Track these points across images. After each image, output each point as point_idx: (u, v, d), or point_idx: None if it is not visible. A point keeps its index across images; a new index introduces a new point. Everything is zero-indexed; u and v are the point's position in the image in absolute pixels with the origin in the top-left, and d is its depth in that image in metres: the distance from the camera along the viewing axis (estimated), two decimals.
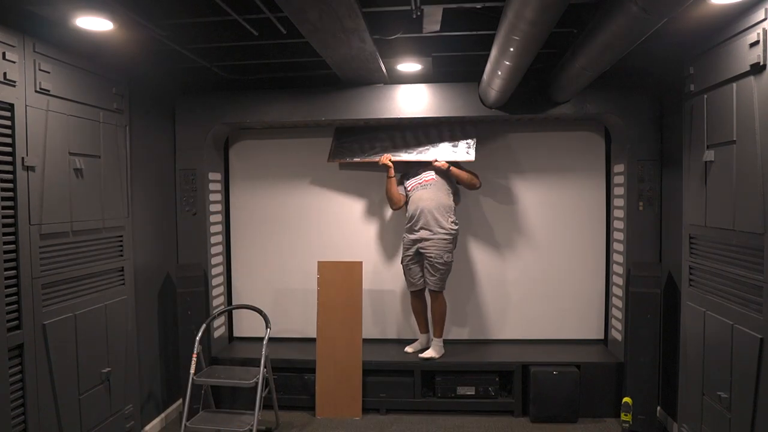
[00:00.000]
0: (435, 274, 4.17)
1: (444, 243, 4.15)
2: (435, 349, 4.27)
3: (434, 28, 3.07)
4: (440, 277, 4.19)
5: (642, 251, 3.94)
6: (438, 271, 4.17)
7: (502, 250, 4.59)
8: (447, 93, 4.04)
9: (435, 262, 4.15)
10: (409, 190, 4.31)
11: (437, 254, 4.14)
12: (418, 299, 4.40)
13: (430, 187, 4.22)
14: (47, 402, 2.80)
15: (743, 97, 2.64)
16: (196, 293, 4.17)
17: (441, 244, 4.15)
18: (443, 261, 4.16)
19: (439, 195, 4.20)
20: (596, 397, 4.03)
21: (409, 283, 4.36)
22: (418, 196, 4.23)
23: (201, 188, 4.23)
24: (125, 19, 2.79)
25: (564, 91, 3.66)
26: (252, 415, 3.54)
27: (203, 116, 4.19)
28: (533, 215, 4.55)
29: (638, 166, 3.94)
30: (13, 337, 2.59)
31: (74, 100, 3.02)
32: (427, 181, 4.25)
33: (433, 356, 4.23)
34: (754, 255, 2.58)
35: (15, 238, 2.61)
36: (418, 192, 4.24)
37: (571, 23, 2.99)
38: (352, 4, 2.39)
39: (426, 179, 4.26)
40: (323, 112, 4.11)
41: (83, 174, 3.09)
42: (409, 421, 4.06)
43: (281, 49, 3.56)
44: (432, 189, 4.21)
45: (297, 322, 4.69)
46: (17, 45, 2.60)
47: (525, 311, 4.59)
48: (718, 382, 2.86)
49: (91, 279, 3.18)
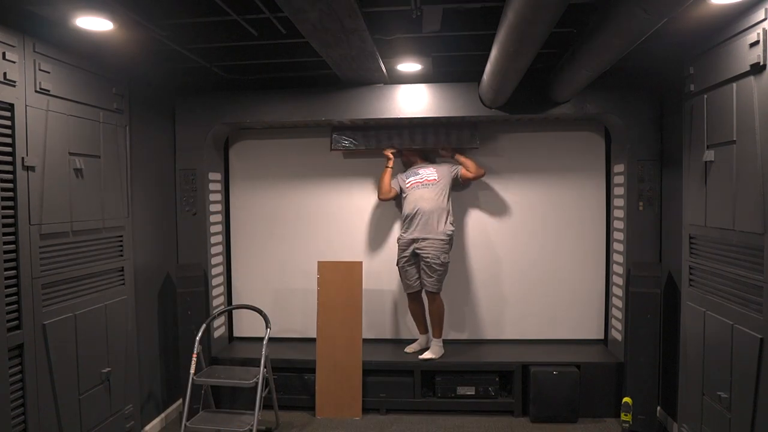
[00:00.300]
0: (432, 275, 4.16)
1: (441, 244, 4.15)
2: (434, 350, 4.27)
3: (434, 28, 3.07)
4: (437, 278, 4.17)
5: (642, 251, 3.94)
6: (435, 272, 4.16)
7: (501, 250, 4.59)
8: (447, 93, 4.04)
9: (432, 263, 4.14)
10: (407, 187, 4.30)
11: (434, 255, 4.13)
12: (415, 302, 4.39)
13: (432, 187, 4.22)
14: (47, 402, 2.80)
15: (743, 97, 2.64)
16: (196, 293, 4.17)
17: (438, 244, 4.14)
18: (440, 262, 4.15)
19: (439, 197, 4.20)
20: (596, 397, 4.03)
21: (406, 285, 4.34)
22: (418, 195, 4.22)
23: (201, 188, 4.23)
24: (125, 19, 2.79)
25: (564, 91, 3.66)
26: (252, 415, 3.53)
27: (203, 116, 4.19)
28: (533, 215, 4.55)
29: (638, 166, 3.94)
30: (13, 337, 2.59)
31: (74, 100, 3.02)
32: (429, 181, 4.25)
33: (433, 357, 4.23)
34: (754, 255, 2.58)
35: (15, 238, 2.61)
36: (418, 191, 4.23)
37: (571, 23, 2.99)
38: (352, 4, 2.39)
39: (428, 179, 4.25)
40: (323, 112, 4.11)
41: (83, 174, 3.09)
42: (409, 421, 4.06)
43: (281, 49, 3.56)
44: (432, 189, 4.21)
45: (297, 322, 4.70)
46: (17, 45, 2.60)
47: (525, 311, 4.59)
48: (718, 382, 2.86)
49: (91, 279, 3.18)
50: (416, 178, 4.30)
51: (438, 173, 4.28)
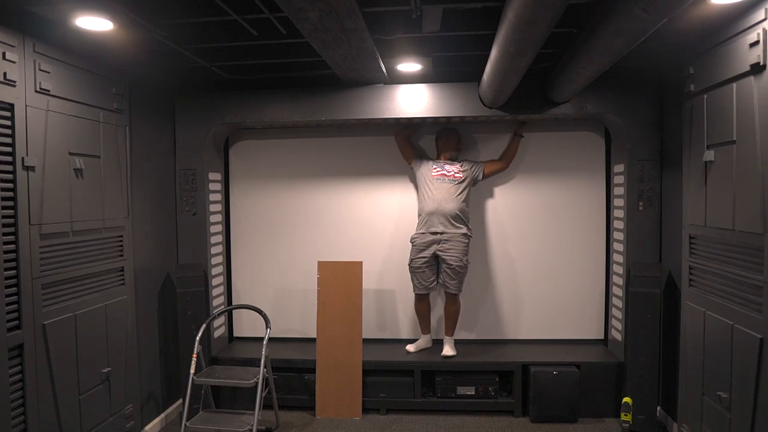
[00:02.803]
0: (455, 277, 4.14)
1: (463, 246, 4.12)
2: (451, 346, 4.27)
3: (434, 28, 3.06)
4: (460, 280, 4.17)
5: (642, 251, 3.94)
6: (458, 275, 4.14)
7: (502, 250, 4.59)
8: (447, 93, 4.04)
9: (456, 266, 4.10)
10: (432, 175, 4.17)
11: (457, 257, 4.09)
12: (422, 301, 4.37)
13: (457, 185, 4.13)
14: (47, 402, 2.80)
15: (743, 97, 2.64)
16: (196, 293, 4.17)
17: (460, 246, 4.11)
18: (463, 264, 4.13)
19: (461, 195, 4.12)
20: (596, 397, 4.03)
21: (420, 286, 4.26)
22: (439, 189, 4.11)
23: (201, 188, 4.23)
24: (125, 19, 2.79)
25: (564, 91, 3.66)
26: (252, 415, 3.54)
27: (203, 116, 4.19)
28: (533, 215, 4.54)
29: (638, 166, 3.94)
30: (13, 337, 2.59)
31: (74, 100, 3.02)
32: (456, 177, 4.14)
33: (453, 354, 4.22)
34: (754, 255, 2.58)
35: (15, 238, 2.61)
36: (440, 184, 4.13)
37: (571, 23, 2.99)
38: (352, 4, 2.39)
39: (454, 174, 4.15)
40: (323, 112, 4.11)
41: (83, 174, 3.09)
42: (409, 421, 4.06)
43: (281, 49, 3.56)
44: (456, 187, 4.13)
45: (297, 322, 4.70)
46: (17, 45, 2.60)
47: (525, 311, 4.59)
48: (718, 382, 2.86)
49: (91, 279, 3.18)
50: (443, 170, 4.19)
51: (463, 173, 4.20)
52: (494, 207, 4.58)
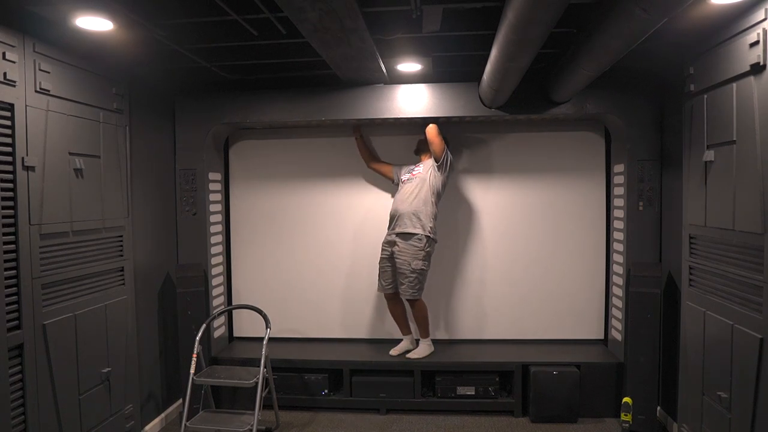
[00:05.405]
0: (403, 281, 4.08)
1: (414, 249, 4.04)
2: (422, 350, 4.25)
3: (434, 28, 3.07)
4: (409, 284, 4.07)
5: (642, 251, 3.94)
6: (406, 278, 4.06)
7: (501, 250, 4.59)
8: (447, 93, 4.04)
9: (404, 270, 4.05)
10: (402, 180, 4.21)
11: (406, 261, 4.04)
12: (393, 302, 4.31)
13: (412, 182, 4.10)
14: (47, 402, 2.80)
15: (743, 97, 2.64)
16: (196, 293, 4.16)
17: (410, 250, 4.04)
18: (411, 268, 4.04)
19: (419, 194, 4.05)
20: (596, 397, 4.03)
21: (380, 284, 4.27)
22: (401, 191, 4.14)
23: (201, 188, 4.23)
24: (125, 19, 2.79)
25: (564, 91, 3.66)
26: (252, 415, 3.53)
27: (203, 116, 4.19)
28: (533, 215, 4.54)
29: (638, 166, 3.94)
30: (13, 337, 2.59)
31: (74, 100, 3.02)
32: (413, 175, 4.14)
33: (419, 357, 4.20)
34: (754, 255, 2.58)
35: (15, 238, 2.61)
36: (404, 186, 4.15)
37: (571, 23, 2.99)
38: (352, 4, 2.39)
39: (419, 173, 4.14)
40: (323, 112, 4.11)
41: (83, 174, 3.09)
42: (409, 421, 4.06)
43: (281, 49, 3.56)
44: (411, 185, 4.09)
45: (297, 322, 4.70)
46: (17, 45, 2.60)
47: (525, 311, 4.59)
48: (718, 382, 2.86)
49: (91, 279, 3.18)
50: (412, 172, 4.20)
51: (423, 166, 4.17)
52: (494, 207, 4.57)
